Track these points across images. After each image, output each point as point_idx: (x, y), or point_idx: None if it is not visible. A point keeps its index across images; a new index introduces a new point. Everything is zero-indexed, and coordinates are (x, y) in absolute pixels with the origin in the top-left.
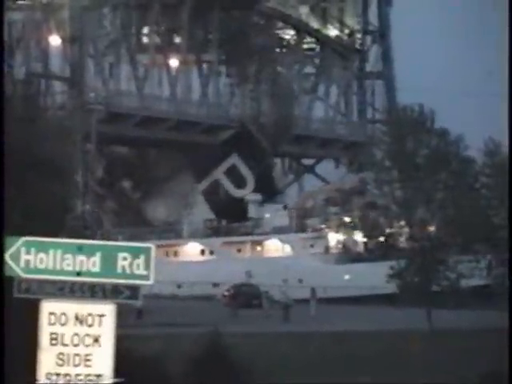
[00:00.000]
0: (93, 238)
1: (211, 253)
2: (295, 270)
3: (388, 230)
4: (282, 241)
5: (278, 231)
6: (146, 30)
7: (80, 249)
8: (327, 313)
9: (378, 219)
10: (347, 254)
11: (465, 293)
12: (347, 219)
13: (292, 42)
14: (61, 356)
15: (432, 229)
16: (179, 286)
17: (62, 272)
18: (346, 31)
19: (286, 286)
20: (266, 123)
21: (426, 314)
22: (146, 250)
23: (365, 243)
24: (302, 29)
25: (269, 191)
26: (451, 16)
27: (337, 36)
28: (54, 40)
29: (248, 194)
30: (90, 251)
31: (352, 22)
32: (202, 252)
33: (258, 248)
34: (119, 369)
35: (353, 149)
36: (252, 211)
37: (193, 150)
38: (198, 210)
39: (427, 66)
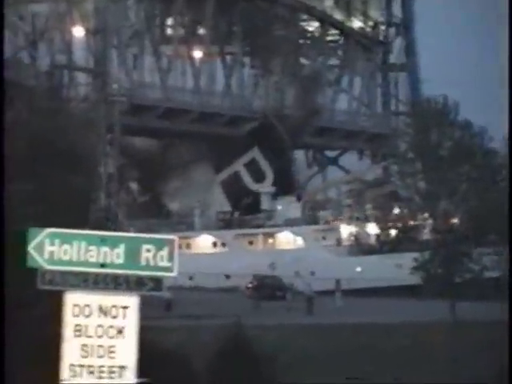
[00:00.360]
0: (115, 230)
1: (223, 245)
2: (307, 262)
3: (411, 222)
4: (294, 233)
5: (290, 223)
6: (170, 21)
7: (104, 240)
8: (350, 305)
9: (401, 211)
10: (359, 246)
11: (488, 284)
12: (361, 211)
13: (316, 34)
14: (84, 348)
15: (455, 221)
16: (191, 278)
17: (86, 263)
18: (370, 23)
19: (309, 278)
20: (289, 115)
21: (449, 306)
22: (170, 242)
23: (377, 235)
24: (326, 21)
25: (287, 186)
26: (476, 7)
27: (361, 28)
28: (78, 31)
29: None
30: (113, 243)
31: (376, 14)
32: (215, 244)
33: (270, 240)
34: (143, 360)
35: (376, 141)
36: (265, 203)
37: (215, 141)
38: (215, 201)
39: (451, 58)
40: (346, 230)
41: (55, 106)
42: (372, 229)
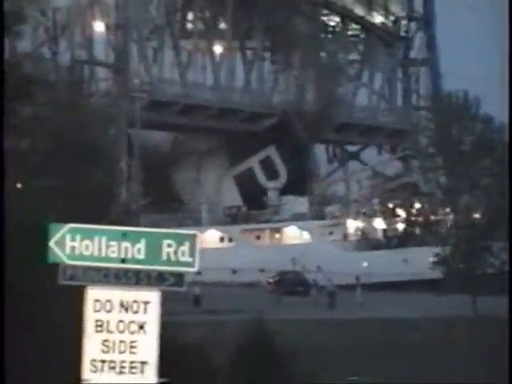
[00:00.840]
0: (136, 225)
1: (230, 240)
2: (314, 257)
3: (432, 217)
4: (300, 228)
5: (296, 218)
6: (190, 15)
7: (125, 235)
8: (369, 300)
9: (422, 205)
10: (366, 241)
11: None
12: (369, 206)
13: (337, 29)
14: (106, 343)
15: (476, 215)
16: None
17: (107, 259)
18: (391, 18)
19: (329, 272)
20: (309, 111)
21: (470, 301)
22: (191, 237)
23: (384, 230)
24: (346, 15)
25: (301, 186)
26: (499, 3)
27: (382, 23)
28: (99, 26)
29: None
30: (134, 238)
31: (397, 8)
32: (222, 239)
33: (277, 235)
34: (164, 355)
35: (397, 136)
36: (272, 198)
37: (233, 136)
38: (226, 195)
39: (472, 53)
40: (353, 225)
41: (76, 101)
42: (379, 224)
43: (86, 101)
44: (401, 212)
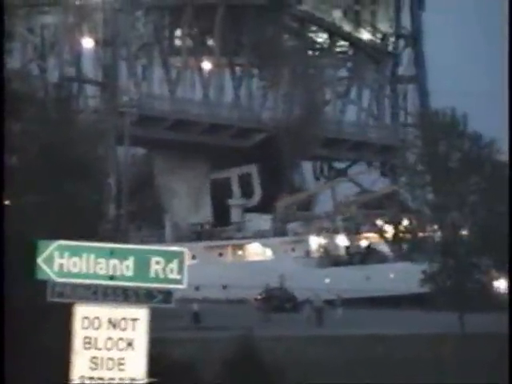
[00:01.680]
0: (125, 242)
1: (193, 257)
2: (276, 274)
3: (420, 234)
4: (263, 245)
5: (259, 235)
6: (178, 32)
7: (113, 253)
8: (350, 316)
9: (410, 222)
10: (328, 258)
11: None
12: (332, 223)
13: (325, 46)
14: (94, 360)
15: (464, 232)
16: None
17: (96, 276)
18: (379, 35)
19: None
20: (295, 127)
21: (458, 318)
22: (180, 254)
23: (346, 247)
24: (334, 32)
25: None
26: (485, 20)
27: (369, 39)
28: (87, 43)
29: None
30: (122, 255)
31: (385, 26)
32: None
33: (240, 252)
34: (153, 372)
35: (385, 152)
36: (235, 215)
37: (217, 152)
38: (201, 207)
39: (460, 70)
40: (315, 242)
41: (64, 118)
42: (342, 240)
43: (75, 117)
44: (388, 228)
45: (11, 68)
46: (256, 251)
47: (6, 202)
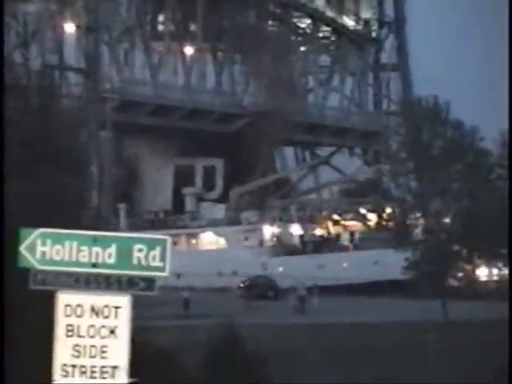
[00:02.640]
0: (107, 230)
1: None
2: (229, 263)
3: (403, 221)
4: (216, 234)
5: (213, 224)
6: (161, 17)
7: (95, 240)
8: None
9: (393, 210)
10: (281, 247)
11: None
12: (286, 212)
13: (308, 31)
14: (77, 347)
15: (447, 220)
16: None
17: (78, 264)
18: (362, 22)
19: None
20: (275, 113)
21: (440, 306)
22: (162, 242)
23: (300, 236)
24: (317, 18)
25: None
26: (468, 8)
27: (352, 26)
28: (69, 27)
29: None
30: (105, 243)
31: (367, 12)
32: None
33: (193, 241)
34: (135, 361)
35: (368, 138)
36: (189, 204)
37: (201, 136)
38: (164, 183)
39: (442, 58)
40: (269, 231)
41: (46, 106)
42: (296, 230)
43: (57, 105)
44: (372, 216)
45: None
46: (209, 240)
47: None
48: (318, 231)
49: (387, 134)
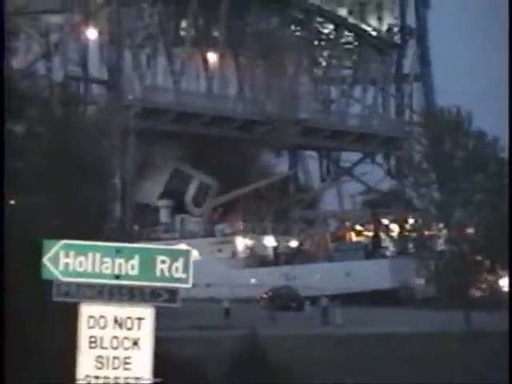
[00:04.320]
0: (130, 242)
1: None
2: (203, 275)
3: (426, 232)
4: (190, 245)
5: (187, 236)
6: (183, 23)
7: (119, 252)
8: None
9: (415, 221)
10: (254, 258)
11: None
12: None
13: (331, 37)
14: (100, 359)
15: (470, 231)
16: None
17: (101, 275)
18: (384, 27)
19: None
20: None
21: (464, 317)
22: (185, 253)
23: (274, 248)
24: (340, 23)
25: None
26: (489, 18)
27: (375, 32)
28: (91, 34)
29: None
30: (128, 254)
31: (390, 20)
32: None
33: None
34: (159, 371)
35: (390, 144)
36: (163, 216)
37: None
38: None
39: (464, 68)
40: (242, 243)
41: (69, 118)
42: (269, 241)
43: (79, 117)
44: (395, 227)
45: (16, 68)
46: None
47: (12, 202)
48: (292, 243)
49: (409, 141)
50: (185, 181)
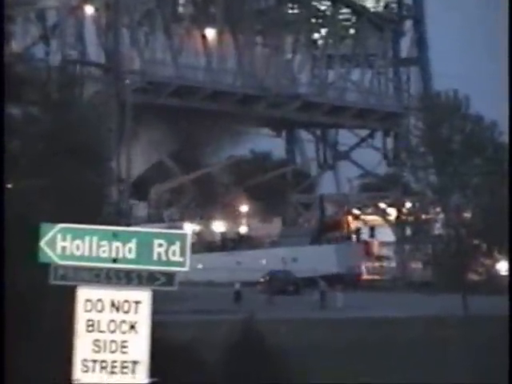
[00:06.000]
0: (127, 225)
1: None
2: None
3: (423, 216)
4: None
5: (135, 222)
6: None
7: (116, 235)
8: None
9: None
10: (201, 244)
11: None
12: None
13: (328, 13)
14: (97, 343)
15: (467, 215)
16: None
17: (98, 259)
18: (382, 4)
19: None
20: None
21: (461, 301)
22: (182, 237)
23: (222, 233)
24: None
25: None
26: (489, 2)
27: (372, 7)
28: (89, 10)
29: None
30: (125, 238)
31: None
32: None
33: None
34: (155, 355)
35: (389, 119)
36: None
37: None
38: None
39: (461, 51)
40: (190, 228)
41: (66, 101)
42: (218, 227)
43: (77, 100)
44: (392, 211)
45: (14, 51)
46: None
47: (8, 186)
48: (240, 228)
49: (408, 118)
50: (164, 175)
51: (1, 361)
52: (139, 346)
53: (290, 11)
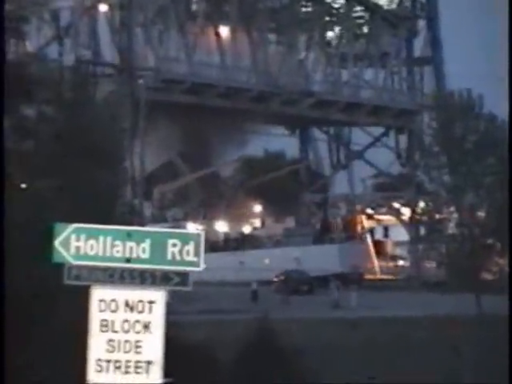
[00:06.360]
0: (141, 225)
1: None
2: None
3: (437, 216)
4: None
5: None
6: None
7: (130, 235)
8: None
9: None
10: (204, 244)
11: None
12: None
13: (342, 11)
14: (111, 342)
15: (481, 214)
16: None
17: (112, 259)
18: (396, 1)
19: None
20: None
21: (475, 300)
22: (196, 237)
23: (225, 233)
24: None
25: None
26: (502, 3)
27: (386, 4)
28: (103, 8)
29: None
30: (139, 238)
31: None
32: None
33: None
34: (169, 355)
35: (403, 117)
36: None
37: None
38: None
39: (475, 51)
40: (193, 228)
41: (80, 101)
42: (221, 227)
43: (91, 100)
44: (405, 210)
45: (28, 51)
46: None
47: (22, 186)
48: (244, 228)
49: (422, 115)
50: (172, 175)
51: (1, 361)
52: (153, 346)
53: (304, 9)
